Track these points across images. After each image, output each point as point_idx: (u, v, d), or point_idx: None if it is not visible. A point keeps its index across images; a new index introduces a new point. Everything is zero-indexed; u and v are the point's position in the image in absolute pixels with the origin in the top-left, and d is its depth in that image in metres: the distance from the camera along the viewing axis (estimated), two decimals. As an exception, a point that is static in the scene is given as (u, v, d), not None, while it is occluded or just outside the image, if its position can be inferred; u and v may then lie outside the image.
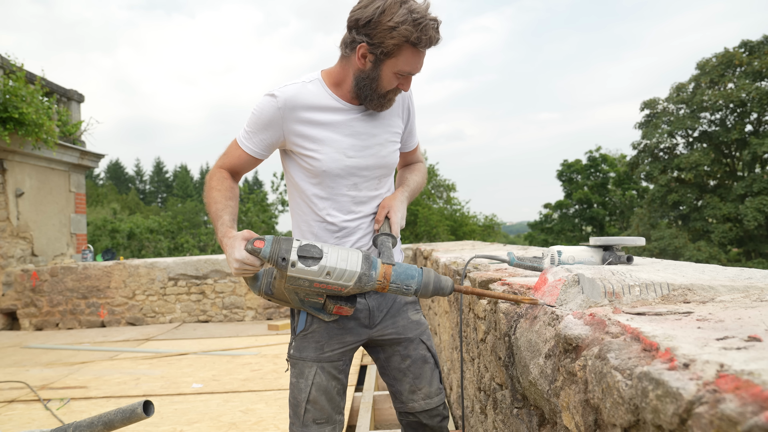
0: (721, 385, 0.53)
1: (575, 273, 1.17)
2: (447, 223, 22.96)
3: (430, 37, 1.43)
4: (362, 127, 1.59)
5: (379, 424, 3.54)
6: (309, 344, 1.62)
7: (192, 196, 53.11)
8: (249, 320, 7.72)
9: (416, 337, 1.71)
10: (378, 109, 1.57)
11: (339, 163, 1.56)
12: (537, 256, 1.56)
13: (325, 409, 1.61)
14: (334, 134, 1.56)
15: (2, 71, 8.12)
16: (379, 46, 1.42)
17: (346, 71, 1.55)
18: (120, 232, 25.34)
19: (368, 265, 1.35)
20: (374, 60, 1.46)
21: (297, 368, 1.63)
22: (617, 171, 33.17)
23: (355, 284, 1.34)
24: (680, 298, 0.98)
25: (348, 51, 1.51)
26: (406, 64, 1.46)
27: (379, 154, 1.61)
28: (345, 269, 1.33)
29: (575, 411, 0.87)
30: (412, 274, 1.36)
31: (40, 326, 7.84)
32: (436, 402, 1.72)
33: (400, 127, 1.69)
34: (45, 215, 8.85)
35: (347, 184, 1.59)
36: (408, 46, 1.43)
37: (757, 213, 21.36)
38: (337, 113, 1.57)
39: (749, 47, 23.82)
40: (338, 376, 1.64)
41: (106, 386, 4.26)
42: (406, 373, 1.70)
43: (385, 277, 1.35)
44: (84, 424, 1.67)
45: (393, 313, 1.68)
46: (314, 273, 1.32)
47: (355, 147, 1.57)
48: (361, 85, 1.51)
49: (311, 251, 1.33)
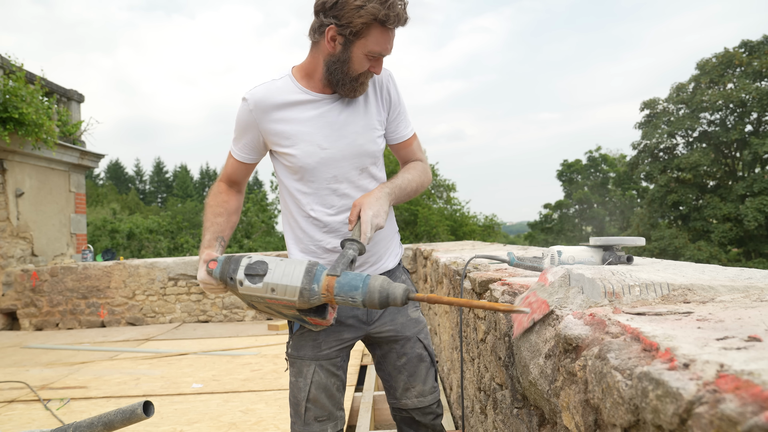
0: (721, 385, 0.53)
1: (568, 272, 1.17)
2: (447, 223, 22.96)
3: (398, 14, 1.42)
4: (335, 116, 1.57)
5: (379, 424, 3.54)
6: (306, 342, 1.62)
7: (192, 196, 53.12)
8: (249, 320, 7.72)
9: (414, 335, 1.70)
10: (351, 94, 1.55)
11: (314, 156, 1.54)
12: (537, 256, 1.56)
13: (325, 407, 1.61)
14: (305, 127, 1.55)
15: (2, 71, 8.12)
16: (348, 26, 1.42)
17: (316, 59, 1.54)
18: (120, 232, 25.36)
19: (309, 278, 1.28)
20: (344, 42, 1.45)
21: (296, 367, 1.63)
22: (617, 171, 33.20)
23: (299, 299, 1.28)
24: (680, 298, 0.98)
25: (317, 36, 1.50)
26: (375, 44, 1.45)
27: (356, 143, 1.57)
28: (287, 285, 1.27)
29: (575, 411, 0.87)
30: (355, 285, 1.26)
31: (40, 326, 7.84)
32: (430, 400, 1.72)
33: (380, 115, 1.64)
34: (45, 215, 8.85)
35: (327, 177, 1.57)
36: (376, 25, 1.42)
37: (757, 213, 21.38)
38: (308, 106, 1.56)
39: (749, 47, 23.84)
40: (337, 372, 1.64)
41: (106, 386, 4.26)
42: (401, 370, 1.70)
43: (328, 290, 1.28)
44: (84, 424, 1.67)
45: (392, 310, 1.67)
46: (260, 290, 1.29)
47: (328, 138, 1.55)
48: (332, 69, 1.50)
49: (257, 269, 1.29)
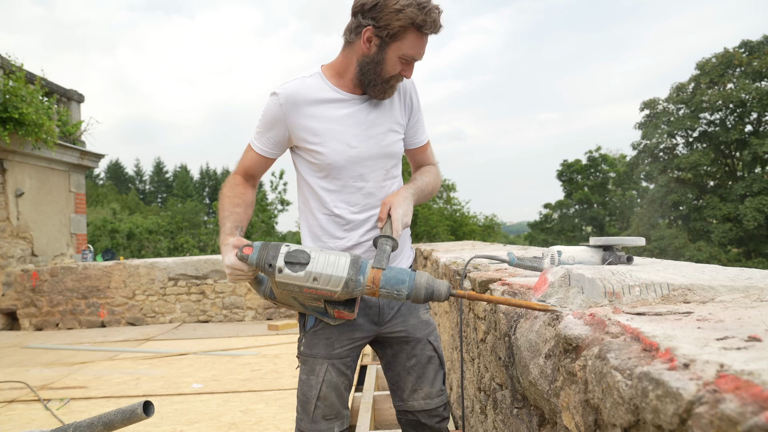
0: (721, 385, 0.53)
1: (568, 272, 1.17)
2: (447, 223, 22.94)
3: (434, 21, 1.47)
4: (364, 116, 1.61)
5: (379, 424, 3.54)
6: (319, 341, 1.62)
7: (192, 196, 53.12)
8: (249, 320, 7.72)
9: (424, 337, 1.71)
10: (380, 96, 1.59)
11: (343, 155, 1.58)
12: (537, 256, 1.56)
13: (334, 405, 1.62)
14: (335, 125, 1.58)
15: (2, 71, 8.12)
16: (386, 28, 1.47)
17: (349, 59, 1.58)
18: (120, 232, 25.35)
19: (356, 270, 1.32)
20: (379, 43, 1.50)
21: (308, 365, 1.63)
22: (617, 171, 33.18)
23: (343, 290, 1.31)
24: (680, 298, 0.98)
25: (353, 36, 1.55)
26: (410, 47, 1.50)
27: (382, 143, 1.63)
28: (331, 275, 1.30)
29: (575, 411, 0.87)
30: (402, 279, 1.31)
31: (40, 326, 7.84)
32: (437, 403, 1.72)
33: (403, 119, 1.70)
34: (45, 215, 8.85)
35: (353, 175, 1.60)
36: (413, 30, 1.47)
37: (757, 213, 21.38)
38: (338, 104, 1.59)
39: (749, 47, 23.84)
40: (346, 372, 1.65)
41: (106, 386, 4.26)
42: (410, 371, 1.71)
43: (374, 282, 1.32)
44: (84, 424, 1.67)
45: (404, 311, 1.69)
46: (301, 279, 1.31)
47: (357, 137, 1.59)
48: (365, 70, 1.54)
49: (298, 257, 1.31)
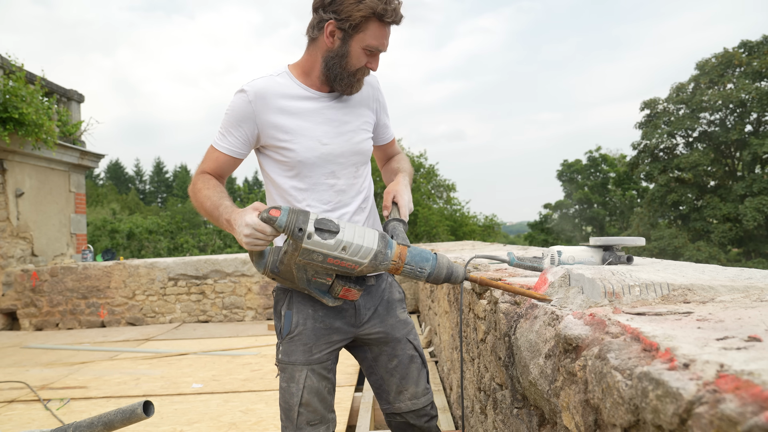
0: (721, 385, 0.53)
1: (568, 272, 1.17)
2: (447, 223, 22.94)
3: (395, 9, 1.47)
4: (334, 114, 1.61)
5: (379, 424, 3.54)
6: (297, 347, 1.60)
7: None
8: (249, 320, 7.72)
9: (403, 336, 1.70)
10: (348, 91, 1.58)
11: (314, 152, 1.57)
12: (537, 256, 1.56)
13: (318, 410, 1.60)
14: (306, 123, 1.57)
15: (2, 71, 8.12)
16: (347, 20, 1.47)
17: (314, 57, 1.57)
18: (120, 232, 25.35)
19: (385, 243, 1.34)
20: (342, 36, 1.50)
21: (287, 373, 1.61)
22: (617, 171, 33.18)
23: (371, 262, 1.32)
24: (680, 298, 0.98)
25: (316, 33, 1.54)
26: (373, 38, 1.50)
27: (353, 141, 1.63)
28: (362, 245, 1.31)
29: (575, 411, 0.87)
30: (426, 257, 1.35)
31: (40, 326, 7.84)
32: (423, 402, 1.71)
33: (371, 118, 1.71)
34: (45, 215, 8.85)
35: (325, 173, 1.59)
36: (374, 20, 1.47)
37: (757, 213, 21.37)
38: (308, 102, 1.59)
39: (749, 47, 23.84)
40: (327, 375, 1.63)
41: (106, 386, 4.26)
42: (393, 373, 1.69)
43: (401, 257, 1.34)
44: (84, 424, 1.68)
45: (381, 311, 1.68)
46: (330, 247, 1.30)
47: (328, 134, 1.59)
48: (331, 65, 1.54)
49: (328, 225, 1.31)
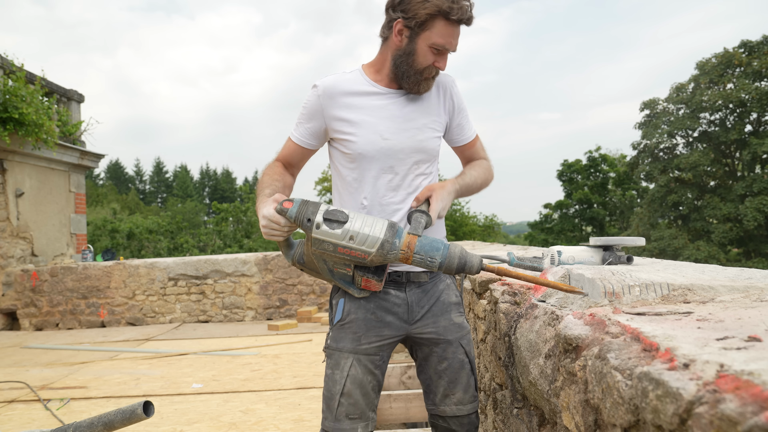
0: (721, 385, 0.53)
1: (568, 272, 1.17)
2: (447, 223, 22.92)
3: (462, 8, 1.48)
4: (399, 110, 1.63)
5: (379, 424, 3.53)
6: (346, 335, 1.59)
7: (192, 196, 53.08)
8: (249, 320, 7.72)
9: (456, 340, 1.66)
10: (415, 89, 1.61)
11: (374, 145, 1.60)
12: (537, 256, 1.56)
13: (359, 404, 1.57)
14: (369, 117, 1.61)
15: (2, 71, 8.12)
16: (414, 18, 1.50)
17: (384, 55, 1.63)
18: (120, 232, 25.35)
19: (392, 233, 1.35)
20: (410, 34, 1.53)
21: (333, 359, 1.60)
22: (617, 171, 33.15)
23: (378, 251, 1.34)
24: (680, 298, 0.98)
25: (387, 32, 1.60)
26: (439, 36, 1.51)
27: (416, 138, 1.63)
28: (368, 234, 1.33)
29: (575, 411, 0.87)
30: (437, 247, 1.34)
31: (40, 326, 7.84)
32: (468, 410, 1.66)
33: (441, 117, 1.71)
34: (45, 215, 8.85)
35: (383, 167, 1.62)
36: (441, 18, 1.49)
37: (757, 213, 21.37)
38: (374, 97, 1.63)
39: (749, 47, 23.83)
40: (374, 371, 1.61)
41: (106, 386, 4.26)
42: (441, 375, 1.66)
43: (409, 247, 1.34)
44: (84, 424, 1.67)
45: (435, 312, 1.65)
46: (337, 236, 1.34)
47: (390, 129, 1.61)
48: (398, 63, 1.58)
49: (337, 215, 1.35)
